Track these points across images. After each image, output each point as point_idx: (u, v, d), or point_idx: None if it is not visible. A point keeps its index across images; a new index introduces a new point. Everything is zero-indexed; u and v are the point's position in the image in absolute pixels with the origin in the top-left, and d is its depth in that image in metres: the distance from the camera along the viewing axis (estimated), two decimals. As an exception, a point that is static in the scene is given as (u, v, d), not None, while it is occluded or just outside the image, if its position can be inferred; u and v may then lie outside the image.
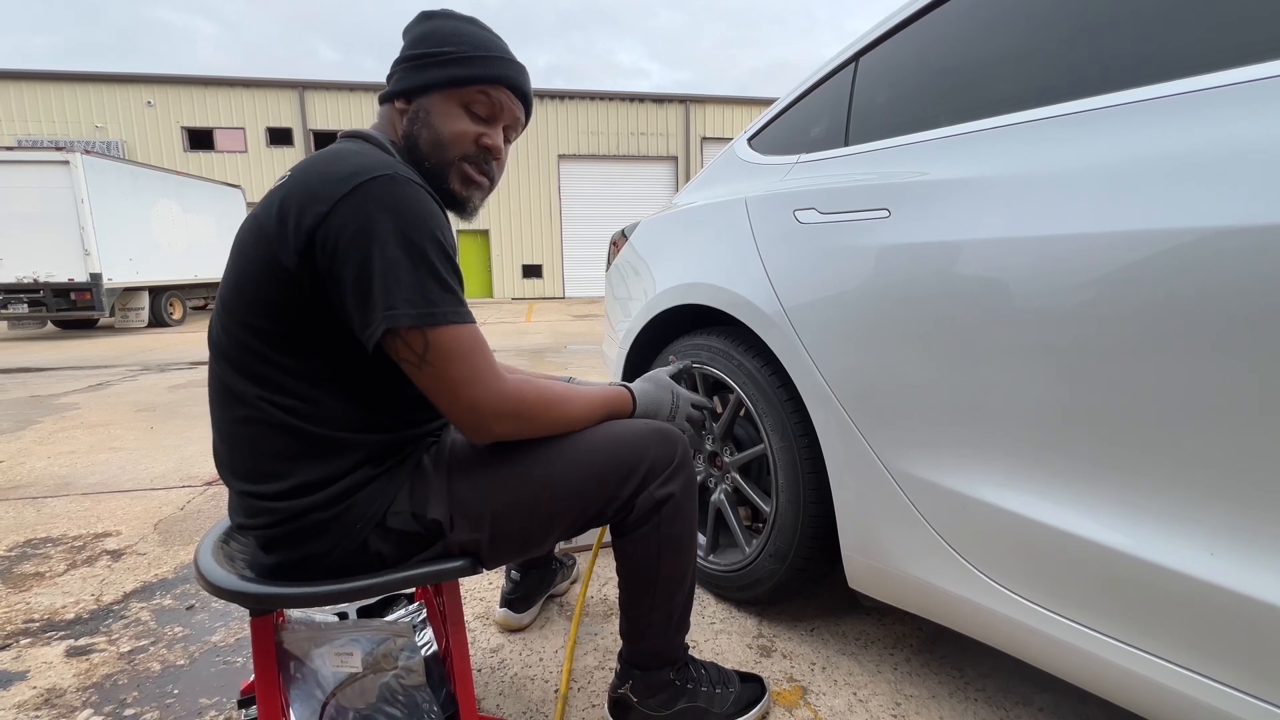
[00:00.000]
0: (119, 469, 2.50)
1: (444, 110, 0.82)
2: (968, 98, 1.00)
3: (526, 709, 1.07)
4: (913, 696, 1.09)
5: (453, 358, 0.71)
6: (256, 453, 0.74)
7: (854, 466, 1.05)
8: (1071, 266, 0.74)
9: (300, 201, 0.69)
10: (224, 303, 0.75)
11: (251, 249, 0.72)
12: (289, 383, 0.73)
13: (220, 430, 0.77)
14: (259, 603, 0.72)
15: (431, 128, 0.82)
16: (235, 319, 0.73)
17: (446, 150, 0.83)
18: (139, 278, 9.24)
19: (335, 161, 0.72)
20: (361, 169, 0.70)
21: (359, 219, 0.68)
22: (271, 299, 0.71)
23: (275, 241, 0.69)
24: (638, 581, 0.92)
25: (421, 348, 0.70)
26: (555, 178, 18.18)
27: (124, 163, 9.57)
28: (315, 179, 0.70)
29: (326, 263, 0.68)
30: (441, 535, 0.79)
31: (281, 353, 0.73)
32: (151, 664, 1.21)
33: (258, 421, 0.73)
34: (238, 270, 0.74)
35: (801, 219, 1.15)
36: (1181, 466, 0.67)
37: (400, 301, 0.68)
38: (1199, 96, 0.68)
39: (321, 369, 0.74)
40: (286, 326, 0.72)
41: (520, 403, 0.78)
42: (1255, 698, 0.63)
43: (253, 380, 0.73)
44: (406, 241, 0.69)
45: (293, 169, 0.75)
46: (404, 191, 0.70)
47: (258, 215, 0.73)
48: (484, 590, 1.47)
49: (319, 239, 0.68)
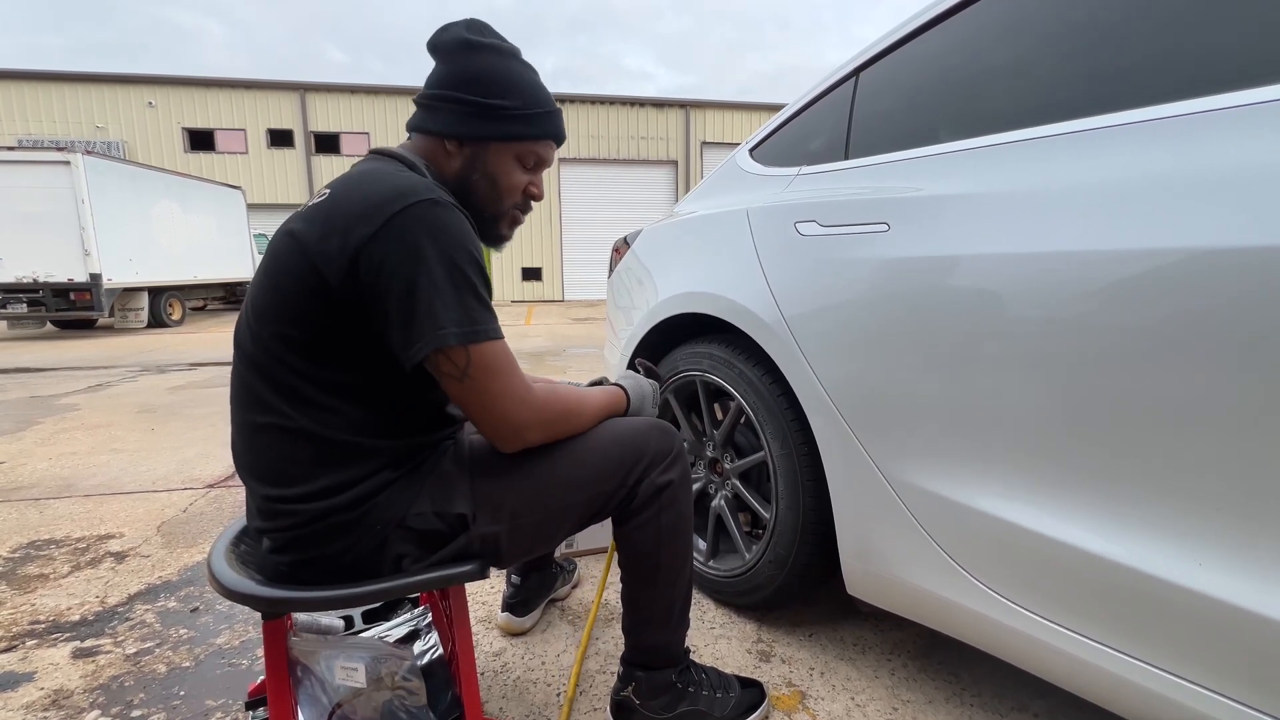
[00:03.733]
0: (121, 470, 2.51)
1: (500, 161, 0.87)
2: (967, 114, 1.02)
3: (530, 712, 1.09)
4: (909, 702, 1.11)
5: (491, 372, 0.75)
6: (279, 458, 0.77)
7: (853, 474, 1.07)
8: (1066, 282, 0.77)
9: (345, 220, 0.72)
10: (257, 310, 0.77)
11: (292, 262, 0.74)
12: (317, 394, 0.75)
13: (243, 433, 0.79)
14: (272, 606, 0.73)
15: (489, 179, 0.88)
16: (267, 328, 0.75)
17: (502, 200, 0.90)
18: (138, 278, 9.24)
19: (378, 182, 0.75)
20: (405, 191, 0.73)
21: (406, 241, 0.71)
22: (309, 312, 0.73)
23: (319, 257, 0.72)
24: (640, 571, 0.96)
25: (464, 363, 0.74)
26: (555, 181, 18.21)
27: (124, 163, 9.58)
28: (360, 198, 0.73)
29: (371, 280, 0.71)
30: (464, 529, 0.82)
31: (312, 364, 0.75)
32: (157, 666, 1.23)
33: (282, 429, 0.75)
34: (274, 280, 0.76)
35: (802, 231, 1.17)
36: (1171, 478, 0.69)
37: (447, 321, 0.72)
38: (1191, 120, 0.70)
39: (350, 380, 0.77)
40: (320, 339, 0.74)
41: (549, 412, 0.83)
42: (1244, 705, 0.65)
43: (281, 389, 0.75)
44: (450, 264, 0.73)
45: (332, 186, 0.78)
46: (446, 214, 0.74)
47: (296, 228, 0.75)
48: (486, 594, 1.49)
49: (364, 258, 0.71)
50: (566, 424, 0.87)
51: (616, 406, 0.98)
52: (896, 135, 1.15)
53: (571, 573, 1.51)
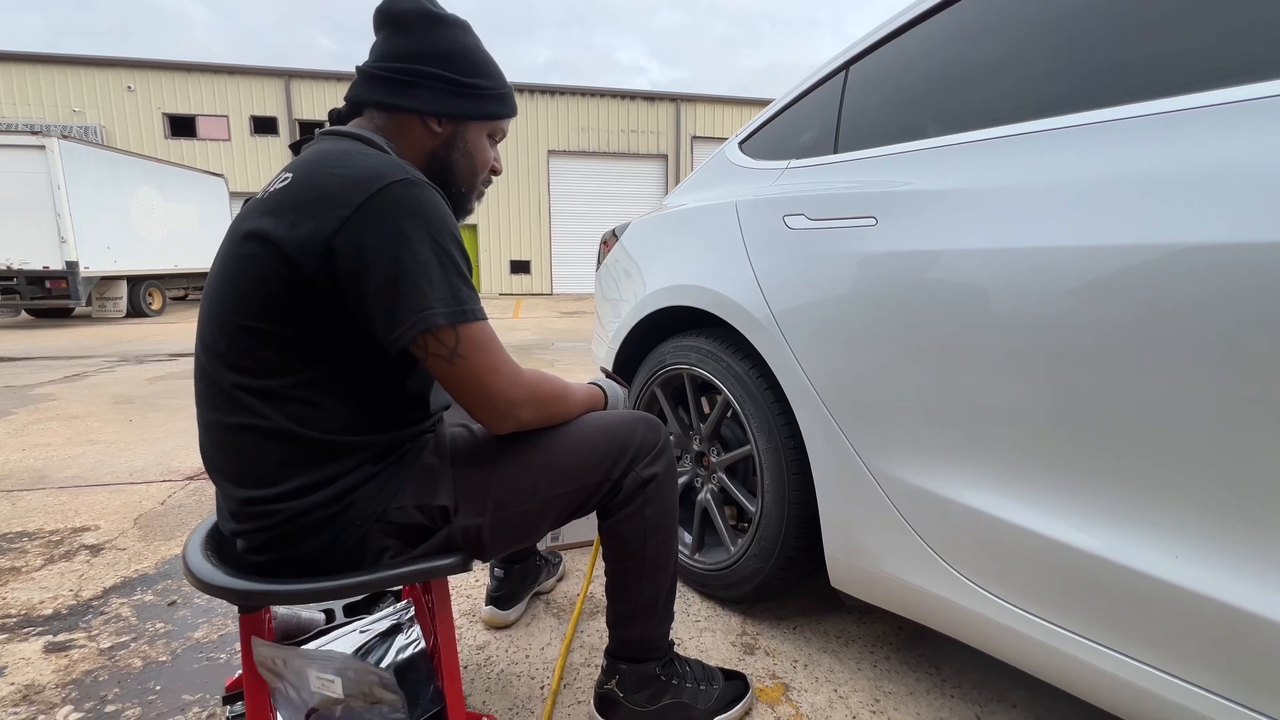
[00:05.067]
0: (97, 462, 2.46)
1: (478, 140, 0.89)
2: (956, 109, 1.02)
3: (513, 705, 1.08)
4: (891, 693, 1.12)
5: (480, 349, 0.75)
6: (253, 459, 0.73)
7: (838, 468, 1.07)
8: (1052, 277, 0.77)
9: (316, 205, 0.69)
10: (218, 304, 0.73)
11: (255, 254, 0.70)
12: (292, 389, 0.72)
13: (210, 433, 0.76)
14: (249, 599, 0.72)
15: (470, 157, 0.89)
16: (232, 322, 0.71)
17: (477, 176, 0.91)
18: (117, 267, 9.05)
19: (346, 164, 0.72)
20: (379, 172, 0.70)
21: (386, 223, 0.69)
22: (279, 304, 0.70)
23: (288, 246, 0.68)
24: (624, 565, 0.95)
25: (453, 342, 0.72)
26: (545, 173, 18.10)
27: (102, 149, 9.36)
28: (329, 181, 0.70)
29: (349, 268, 0.68)
30: (446, 521, 0.81)
31: (286, 358, 0.71)
32: (133, 660, 1.20)
33: (256, 429, 0.72)
34: (236, 270, 0.71)
35: (790, 224, 1.17)
36: (1149, 474, 0.70)
37: (435, 301, 0.70)
38: (1178, 116, 0.71)
39: (327, 374, 0.74)
40: (293, 330, 0.71)
41: (540, 390, 0.83)
42: (1218, 695, 0.66)
43: (252, 386, 0.72)
44: (434, 244, 0.71)
45: (293, 169, 0.74)
46: (424, 194, 0.72)
47: (260, 222, 0.71)
48: (470, 588, 1.48)
49: (340, 244, 0.68)
50: (557, 405, 0.86)
51: (596, 402, 0.98)
52: (886, 129, 1.14)
53: (556, 565, 1.50)
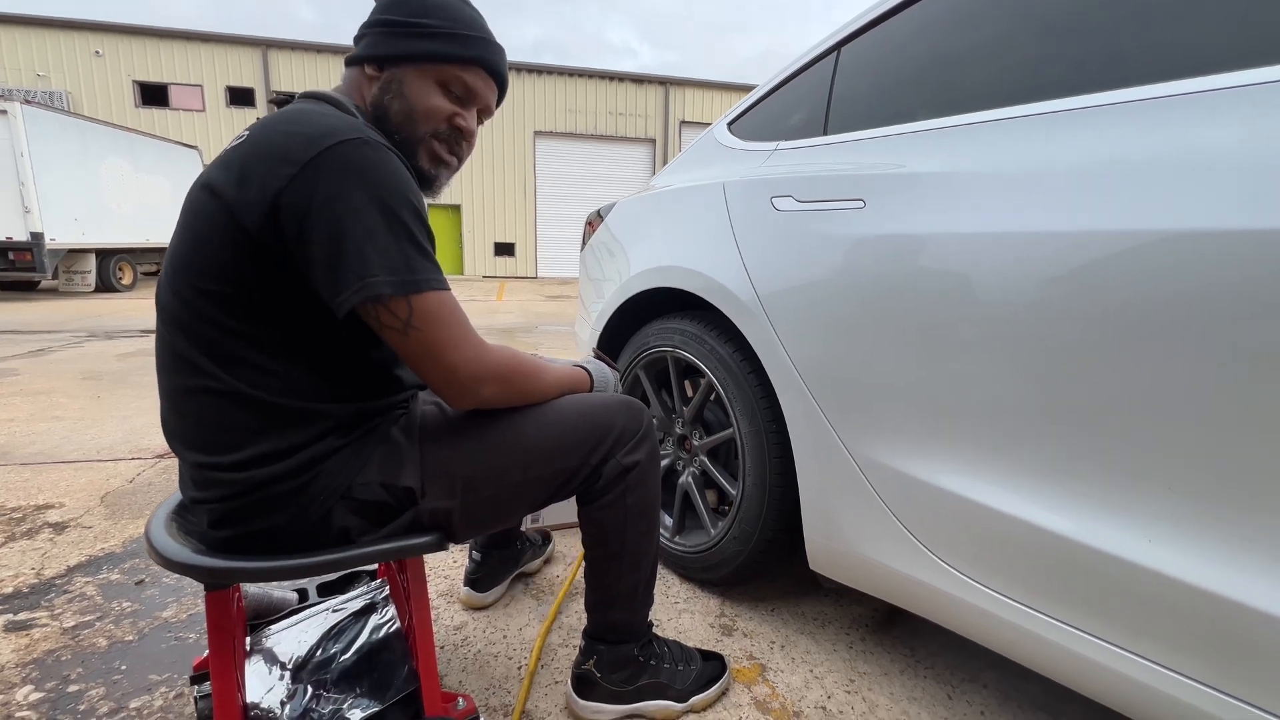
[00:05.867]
0: (62, 439, 2.39)
1: (419, 84, 0.81)
2: (946, 92, 1.01)
3: (490, 685, 1.08)
4: (866, 674, 1.13)
5: (437, 321, 0.71)
6: (212, 424, 0.72)
7: (819, 452, 1.07)
8: (1037, 263, 0.77)
9: (264, 162, 0.67)
10: (175, 266, 0.72)
11: (208, 211, 0.69)
12: (247, 352, 0.70)
13: (171, 399, 0.74)
14: (214, 577, 0.70)
15: (404, 100, 0.81)
16: (188, 283, 0.70)
17: (418, 125, 0.82)
18: (85, 239, 8.75)
19: (300, 121, 0.70)
20: (330, 130, 0.68)
21: (331, 183, 0.66)
22: (228, 263, 0.68)
23: (235, 204, 0.67)
24: (604, 552, 0.94)
25: (406, 314, 0.69)
26: (531, 154, 17.84)
27: (69, 115, 9.00)
28: (280, 139, 0.68)
29: (295, 227, 0.66)
30: (413, 503, 0.78)
31: (239, 320, 0.70)
32: (97, 639, 1.17)
33: (213, 392, 0.71)
34: (191, 232, 0.71)
35: (778, 206, 1.16)
36: (1126, 459, 0.71)
37: (379, 269, 0.67)
38: (1173, 101, 0.70)
39: (283, 337, 0.72)
40: (245, 292, 0.69)
41: (504, 366, 0.80)
42: (1188, 676, 0.67)
43: (207, 348, 0.70)
44: (383, 207, 0.68)
45: (251, 128, 0.72)
46: (377, 155, 0.69)
47: (213, 176, 0.70)
48: (448, 568, 1.46)
49: (285, 202, 0.66)
50: (525, 384, 0.83)
51: (579, 383, 0.95)
52: (876, 111, 1.13)
53: (543, 547, 1.48)
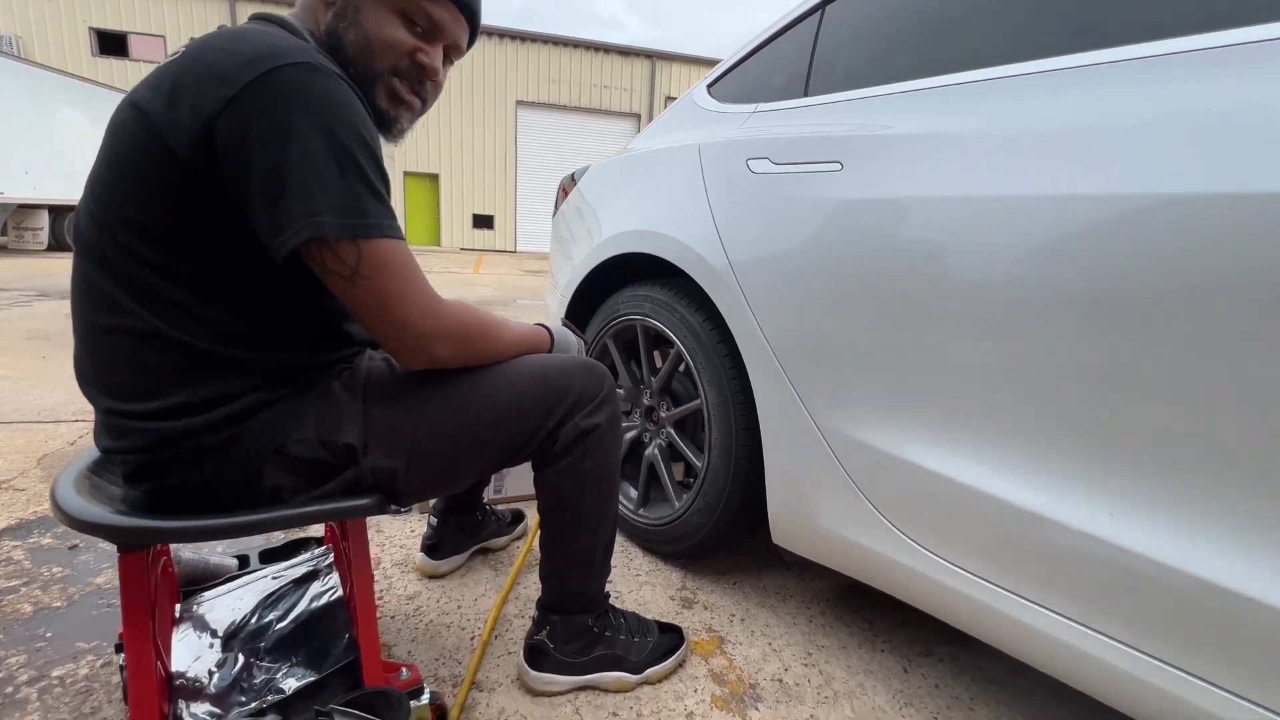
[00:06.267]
0: (3, 399, 2.26)
1: (377, 12, 0.74)
2: (934, 52, 0.97)
3: (440, 655, 1.04)
4: (824, 647, 1.13)
5: (389, 271, 0.66)
6: (128, 367, 0.66)
7: (786, 424, 1.05)
8: (1021, 229, 0.74)
9: (199, 81, 0.60)
10: (95, 191, 0.65)
11: (132, 131, 0.63)
12: (169, 289, 0.64)
13: (85, 339, 0.68)
14: (126, 536, 0.64)
15: (360, 28, 0.73)
16: (109, 210, 0.64)
17: (376, 59, 0.75)
18: (37, 194, 8.31)
19: (243, 41, 0.63)
20: (276, 52, 0.61)
21: (274, 110, 0.60)
22: (154, 189, 0.62)
23: (164, 125, 0.60)
24: (560, 517, 0.90)
25: (354, 260, 0.63)
26: (512, 124, 17.41)
27: (18, 60, 8.47)
28: (218, 56, 0.61)
29: (231, 156, 0.60)
30: (354, 462, 0.73)
31: (163, 253, 0.64)
32: (22, 605, 1.11)
33: (131, 331, 0.65)
34: (114, 154, 0.64)
35: (754, 169, 1.11)
36: (1093, 433, 0.69)
37: (325, 208, 0.61)
38: (1166, 60, 0.67)
39: (212, 276, 0.66)
40: (172, 222, 0.63)
41: (459, 324, 0.74)
42: (1142, 652, 0.66)
43: (125, 283, 0.64)
44: (332, 140, 0.62)
45: (187, 46, 0.65)
46: (328, 84, 0.63)
47: (139, 96, 0.63)
48: (405, 538, 1.42)
49: (222, 126, 0.59)
50: (482, 343, 0.78)
51: (538, 343, 0.90)
52: (858, 72, 1.09)
53: (511, 525, 1.41)
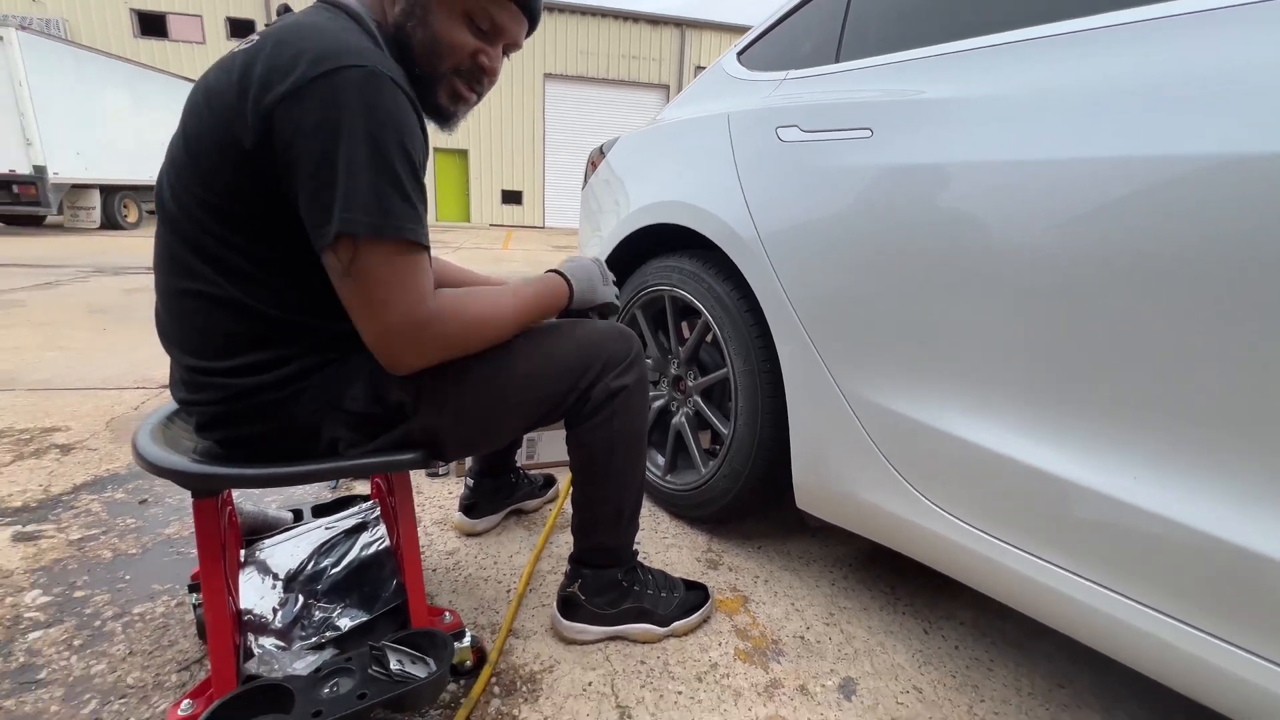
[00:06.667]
0: (67, 367, 2.42)
1: (445, 14, 0.77)
2: (963, 14, 0.95)
3: (479, 605, 1.11)
4: (846, 608, 1.16)
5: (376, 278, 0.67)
6: (205, 328, 0.72)
7: (812, 391, 1.06)
8: (1051, 192, 0.73)
9: (265, 74, 0.64)
10: (175, 167, 0.70)
11: (203, 116, 0.67)
12: (242, 263, 0.70)
13: (166, 299, 0.74)
14: (199, 482, 0.71)
15: (428, 28, 0.77)
16: (185, 190, 0.69)
17: (441, 60, 0.78)
18: (88, 174, 8.65)
19: (314, 37, 0.66)
20: (337, 52, 0.64)
21: (329, 108, 0.63)
22: (222, 175, 0.67)
23: (234, 116, 0.65)
24: (591, 474, 0.95)
25: (348, 258, 0.66)
26: (540, 98, 17.28)
27: (67, 44, 8.75)
28: (286, 51, 0.65)
29: (284, 146, 0.64)
30: (403, 419, 0.78)
31: (233, 231, 0.69)
32: (102, 551, 1.21)
33: (207, 297, 0.71)
34: (187, 136, 0.69)
35: (783, 137, 1.11)
36: (1120, 399, 0.69)
37: (356, 208, 0.64)
38: (1210, 14, 0.65)
39: (276, 251, 0.71)
40: (238, 203, 0.68)
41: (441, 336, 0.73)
42: (1171, 616, 0.68)
43: (203, 255, 0.70)
44: (373, 145, 0.64)
45: (262, 33, 0.69)
46: (381, 88, 0.66)
47: (212, 82, 0.68)
48: (444, 498, 1.49)
49: (279, 118, 0.63)
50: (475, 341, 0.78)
51: (551, 294, 0.89)
52: (891, 36, 1.07)
53: (543, 488, 1.47)
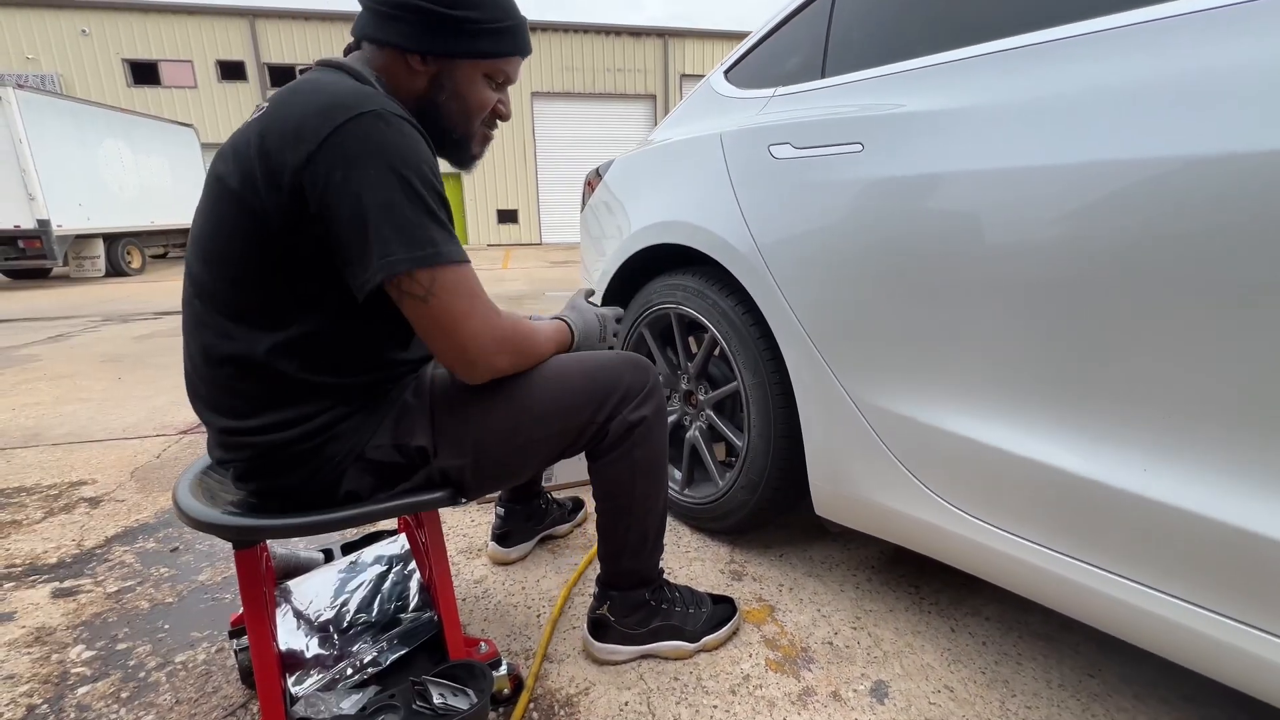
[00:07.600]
0: (89, 419, 2.46)
1: (470, 80, 0.82)
2: (945, 26, 0.98)
3: (510, 632, 1.13)
4: (872, 611, 1.17)
5: (454, 294, 0.72)
6: (234, 392, 0.75)
7: (823, 399, 1.09)
8: (1039, 199, 0.76)
9: (282, 142, 0.67)
10: (199, 243, 0.74)
11: (226, 197, 0.70)
12: (265, 332, 0.73)
13: (195, 364, 0.77)
14: (239, 534, 0.73)
15: (461, 99, 0.83)
16: (211, 264, 0.73)
17: (472, 119, 0.85)
18: (91, 224, 8.78)
19: (317, 93, 0.69)
20: (346, 103, 0.68)
21: (351, 161, 0.66)
22: (252, 257, 0.71)
23: (255, 191, 0.68)
24: (614, 504, 0.97)
25: (429, 283, 0.70)
26: (529, 117, 17.45)
27: (63, 98, 8.92)
28: (296, 113, 0.68)
29: (317, 205, 0.67)
30: (425, 462, 0.81)
31: (259, 306, 0.73)
32: (140, 602, 1.24)
33: (236, 362, 0.74)
34: (212, 214, 0.73)
35: (776, 154, 1.14)
36: (1126, 395, 0.71)
37: (398, 247, 0.68)
38: (1176, 22, 0.68)
39: (300, 322, 0.74)
40: (264, 284, 0.72)
41: (516, 338, 0.81)
42: (1186, 600, 0.69)
43: (229, 322, 0.73)
44: (402, 183, 0.68)
45: (270, 100, 0.72)
46: (393, 129, 0.69)
47: (223, 170, 0.71)
48: (466, 527, 1.52)
49: (307, 180, 0.67)
50: (530, 350, 0.85)
51: (564, 338, 0.94)
52: (873, 51, 1.10)
53: (573, 513, 1.49)
